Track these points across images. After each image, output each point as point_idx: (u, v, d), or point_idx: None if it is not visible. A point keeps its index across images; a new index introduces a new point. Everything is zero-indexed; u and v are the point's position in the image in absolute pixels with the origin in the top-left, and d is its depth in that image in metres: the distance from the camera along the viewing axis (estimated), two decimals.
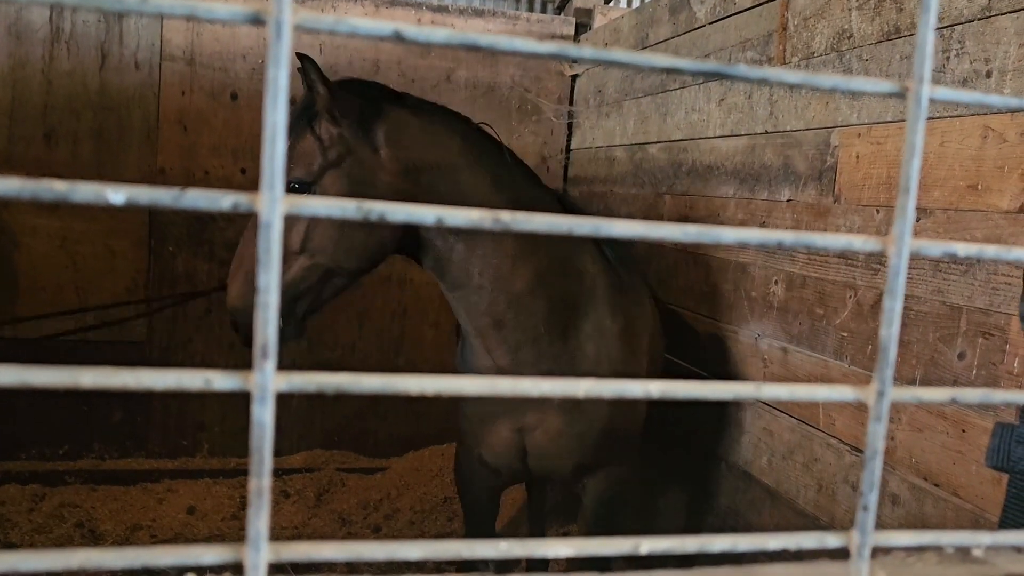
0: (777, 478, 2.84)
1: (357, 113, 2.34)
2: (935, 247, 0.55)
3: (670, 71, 0.48)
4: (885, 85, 0.53)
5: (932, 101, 0.53)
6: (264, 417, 0.47)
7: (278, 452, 4.65)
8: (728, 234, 0.51)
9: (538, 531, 3.84)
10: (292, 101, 4.08)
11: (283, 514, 4.17)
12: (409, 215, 0.47)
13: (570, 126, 4.97)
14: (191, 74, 4.35)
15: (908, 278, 2.24)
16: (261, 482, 0.47)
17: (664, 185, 3.77)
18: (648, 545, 0.54)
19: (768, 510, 2.90)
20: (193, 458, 4.57)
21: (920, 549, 0.63)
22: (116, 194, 0.45)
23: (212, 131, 4.39)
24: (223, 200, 0.46)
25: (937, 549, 0.64)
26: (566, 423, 2.62)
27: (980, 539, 0.59)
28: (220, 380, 0.46)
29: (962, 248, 0.55)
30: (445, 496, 4.40)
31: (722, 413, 3.19)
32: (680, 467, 3.52)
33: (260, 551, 0.48)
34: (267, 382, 0.47)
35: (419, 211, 0.47)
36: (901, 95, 0.52)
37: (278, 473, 4.47)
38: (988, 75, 2.03)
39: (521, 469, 2.78)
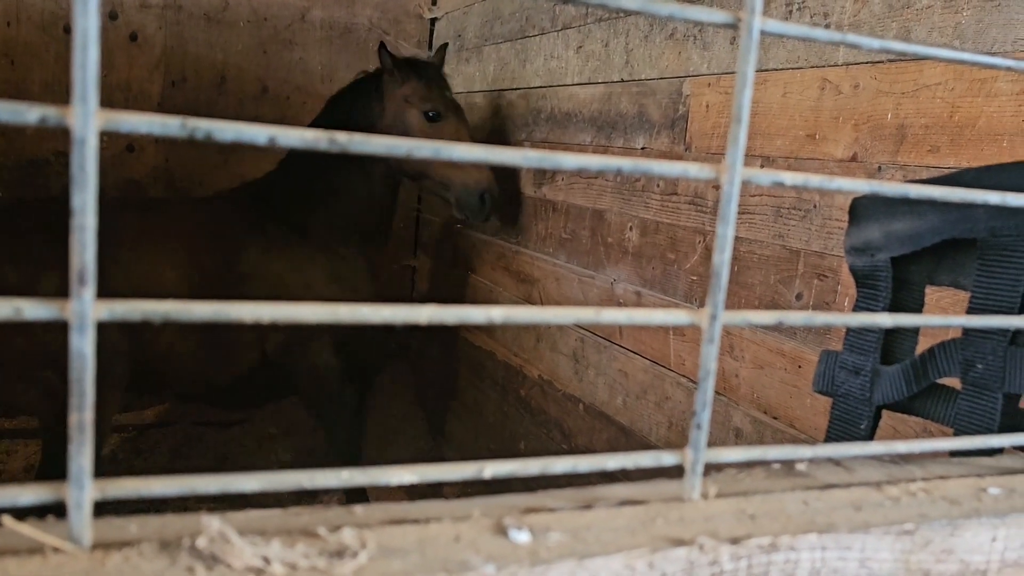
0: (631, 417, 2.95)
1: None
2: (765, 176, 0.57)
3: None
4: (719, 15, 0.54)
5: (764, 34, 0.55)
6: (84, 348, 0.44)
7: (128, 407, 4.43)
8: (568, 160, 0.51)
9: None
10: (113, 15, 3.81)
11: (135, 473, 4.01)
12: (238, 133, 0.44)
13: None
14: (16, 3, 4.00)
15: (751, 223, 2.35)
16: (83, 416, 0.45)
17: (523, 132, 3.78)
18: (491, 469, 0.54)
19: (623, 448, 3.02)
20: (32, 416, 4.29)
21: (750, 465, 0.67)
22: None
23: (44, 67, 4.06)
24: (29, 113, 0.42)
25: (765, 466, 0.68)
26: None
27: (801, 452, 0.63)
28: (32, 308, 0.43)
29: (789, 177, 0.57)
30: (309, 448, 4.34)
31: (579, 357, 3.27)
32: (540, 410, 3.61)
33: (84, 488, 0.45)
34: (86, 310, 0.44)
35: (248, 130, 0.45)
36: (734, 26, 0.53)
37: (129, 430, 4.27)
38: (827, 28, 2.13)
39: None
